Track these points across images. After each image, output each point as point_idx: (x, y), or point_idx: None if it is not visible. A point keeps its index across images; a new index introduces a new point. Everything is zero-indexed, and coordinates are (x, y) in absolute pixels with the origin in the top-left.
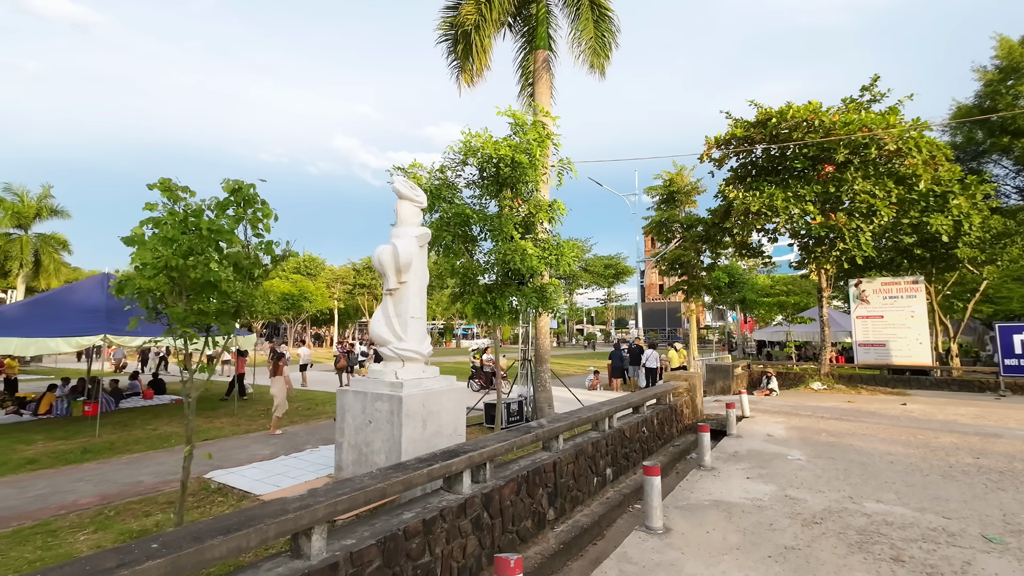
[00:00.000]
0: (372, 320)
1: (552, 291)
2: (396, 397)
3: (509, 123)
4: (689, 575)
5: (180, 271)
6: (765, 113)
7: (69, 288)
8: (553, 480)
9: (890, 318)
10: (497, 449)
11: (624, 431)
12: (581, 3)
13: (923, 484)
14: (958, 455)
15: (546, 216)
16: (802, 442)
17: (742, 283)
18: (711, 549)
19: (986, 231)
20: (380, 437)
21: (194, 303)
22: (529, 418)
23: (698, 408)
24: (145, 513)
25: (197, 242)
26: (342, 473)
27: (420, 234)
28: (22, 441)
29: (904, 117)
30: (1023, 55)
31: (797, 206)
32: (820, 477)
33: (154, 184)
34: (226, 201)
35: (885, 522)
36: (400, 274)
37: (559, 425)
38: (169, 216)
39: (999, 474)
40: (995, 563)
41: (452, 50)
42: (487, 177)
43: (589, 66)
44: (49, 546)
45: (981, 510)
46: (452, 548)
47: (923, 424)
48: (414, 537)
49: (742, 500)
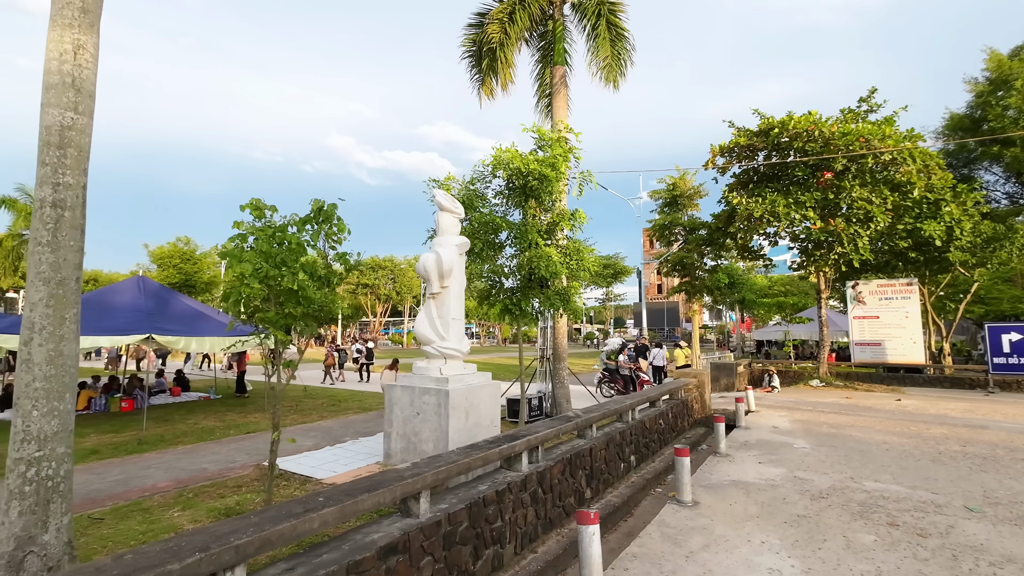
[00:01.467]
0: (416, 321)
1: (573, 294)
2: (443, 391)
3: (533, 137)
4: (720, 535)
5: (273, 280)
6: (768, 123)
7: (110, 289)
8: (589, 464)
9: (885, 318)
10: (548, 434)
11: (645, 422)
12: (599, 25)
13: (915, 467)
14: (947, 444)
15: (568, 224)
16: (806, 433)
17: (741, 284)
18: (735, 517)
19: (977, 236)
20: (428, 427)
21: (284, 308)
22: (548, 413)
23: (707, 403)
24: (220, 495)
25: (287, 254)
26: (391, 460)
27: (460, 243)
28: (76, 434)
29: (899, 127)
30: (1012, 68)
31: (798, 212)
32: (824, 462)
33: (246, 205)
34: (306, 217)
35: (882, 497)
36: (443, 279)
37: (593, 416)
38: (260, 232)
39: (982, 459)
40: (973, 527)
41: (475, 65)
42: (514, 188)
43: (604, 81)
44: (150, 520)
45: (965, 488)
46: (517, 516)
47: (916, 417)
48: (490, 505)
49: (757, 480)
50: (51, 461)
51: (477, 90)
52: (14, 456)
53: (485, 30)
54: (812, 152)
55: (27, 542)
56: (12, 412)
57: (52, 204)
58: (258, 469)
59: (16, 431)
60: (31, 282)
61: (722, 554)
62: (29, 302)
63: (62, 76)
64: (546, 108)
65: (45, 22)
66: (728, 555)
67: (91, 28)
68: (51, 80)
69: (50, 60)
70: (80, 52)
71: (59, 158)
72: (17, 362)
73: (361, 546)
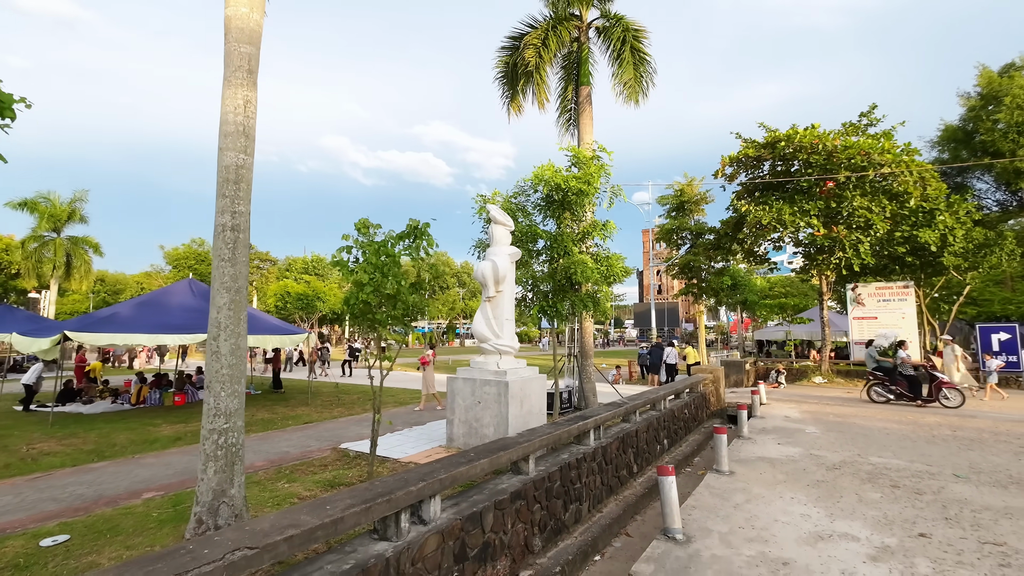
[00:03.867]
0: (474, 321)
1: (603, 297)
2: (503, 382)
3: (567, 155)
4: (757, 494)
5: (381, 286)
6: (774, 136)
7: (164, 291)
8: (635, 443)
9: (883, 319)
10: (607, 416)
11: (674, 411)
12: (624, 50)
13: (912, 447)
14: (940, 429)
15: (600, 234)
16: (815, 421)
17: (744, 285)
18: (766, 482)
19: (969, 242)
20: (489, 414)
21: (389, 310)
22: (577, 406)
23: (721, 397)
24: (314, 472)
25: (390, 265)
26: (454, 443)
27: (512, 252)
28: (149, 425)
29: (896, 139)
30: (1001, 85)
31: (803, 219)
32: (833, 443)
33: (357, 224)
34: (402, 234)
35: (885, 467)
36: (497, 285)
37: (636, 403)
38: (368, 246)
39: (970, 441)
40: (959, 488)
41: (506, 84)
42: (553, 202)
43: (627, 99)
44: (269, 490)
45: (954, 461)
46: (588, 481)
47: (911, 410)
48: (573, 469)
49: (779, 456)
50: (234, 432)
51: (507, 106)
52: (208, 427)
53: (521, 54)
54: (816, 164)
55: (220, 494)
56: (204, 393)
57: (231, 228)
58: (335, 451)
59: (208, 408)
60: (216, 290)
61: (761, 505)
62: (215, 306)
63: (236, 126)
64: (566, 122)
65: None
66: (767, 506)
67: (254, 86)
68: (227, 129)
69: (226, 112)
70: (247, 106)
71: (235, 191)
72: (206, 353)
73: (497, 491)
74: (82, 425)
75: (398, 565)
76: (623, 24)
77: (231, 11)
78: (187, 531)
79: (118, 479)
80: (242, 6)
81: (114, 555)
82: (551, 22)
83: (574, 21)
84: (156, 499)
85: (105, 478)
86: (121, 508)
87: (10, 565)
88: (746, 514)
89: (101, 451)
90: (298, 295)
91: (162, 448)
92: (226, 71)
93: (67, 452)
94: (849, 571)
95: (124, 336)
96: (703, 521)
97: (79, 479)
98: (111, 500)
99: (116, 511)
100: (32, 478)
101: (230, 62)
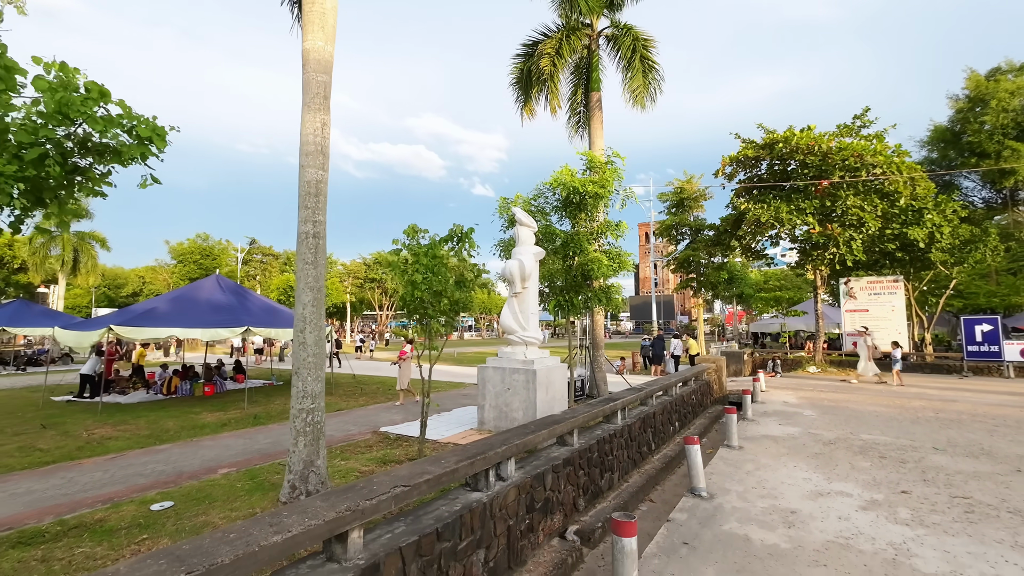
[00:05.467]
0: (502, 315)
1: (614, 292)
2: (531, 371)
3: (582, 160)
4: (764, 463)
5: (432, 284)
6: (772, 137)
7: (194, 287)
8: (653, 423)
9: (874, 311)
10: (631, 399)
11: (683, 396)
12: (634, 59)
13: (898, 426)
14: (923, 412)
15: (614, 234)
16: (811, 405)
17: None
18: (771, 454)
19: (955, 238)
20: (518, 399)
21: (439, 305)
22: (590, 394)
23: (723, 385)
24: (362, 451)
25: (439, 266)
26: (484, 426)
27: (536, 252)
28: (190, 413)
29: (888, 142)
30: (988, 88)
31: (799, 217)
32: (828, 424)
33: (406, 229)
34: (447, 237)
35: (874, 443)
36: (524, 281)
37: (653, 388)
38: (419, 248)
39: (949, 421)
40: (938, 458)
41: (520, 89)
42: (570, 204)
43: (634, 104)
44: (332, 466)
45: (934, 437)
46: (617, 455)
47: (899, 394)
48: (606, 443)
49: (781, 434)
50: (318, 411)
51: (520, 110)
52: (297, 407)
53: (536, 62)
54: (812, 164)
55: (309, 464)
56: (293, 378)
57: (312, 235)
58: (375, 434)
59: (297, 390)
60: (301, 289)
61: (769, 472)
62: (300, 303)
63: (315, 145)
64: (576, 124)
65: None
66: (773, 473)
67: (328, 110)
68: (307, 148)
69: (306, 134)
70: (324, 128)
71: (315, 203)
72: (293, 344)
73: (551, 458)
74: (126, 413)
75: (491, 508)
76: (633, 34)
77: (309, 44)
78: (282, 495)
79: (187, 458)
80: (318, 40)
81: (221, 516)
82: (564, 32)
83: (585, 30)
84: (232, 473)
85: (175, 457)
86: (205, 481)
87: (133, 524)
88: (757, 478)
89: (157, 436)
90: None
91: (213, 433)
92: (305, 97)
93: (126, 437)
94: (844, 516)
95: (164, 330)
96: (721, 483)
97: (152, 459)
98: (192, 475)
99: (202, 483)
100: (109, 458)
101: (308, 89)
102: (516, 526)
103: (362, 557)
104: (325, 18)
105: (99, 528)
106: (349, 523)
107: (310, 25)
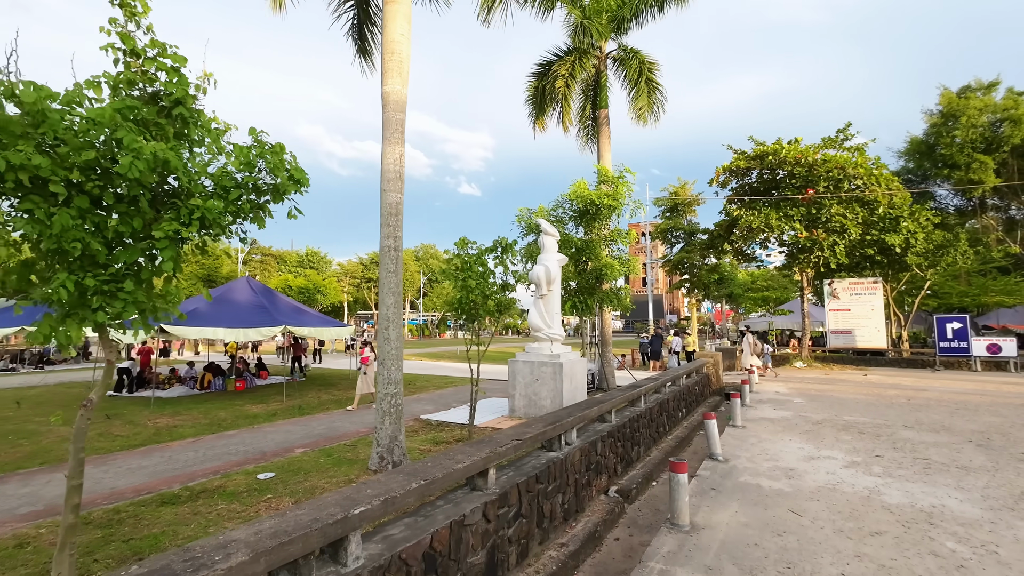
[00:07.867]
0: (529, 314)
1: (623, 293)
2: (558, 364)
3: (595, 172)
4: (765, 438)
5: (482, 289)
6: (762, 149)
7: (227, 288)
8: (667, 408)
9: (855, 311)
10: (651, 386)
11: (689, 387)
12: (640, 81)
13: (875, 410)
14: (897, 399)
15: (624, 241)
16: (800, 394)
17: (730, 280)
18: (770, 431)
19: (929, 244)
20: (546, 389)
21: (485, 306)
22: (600, 386)
23: (720, 378)
24: (412, 434)
25: (486, 273)
26: (515, 413)
27: (560, 258)
28: (234, 405)
29: (868, 154)
30: (959, 105)
31: (787, 223)
32: (816, 408)
33: (457, 242)
34: (490, 248)
35: (855, 423)
36: (549, 285)
37: (667, 377)
38: (468, 258)
39: (919, 406)
40: (907, 432)
41: (534, 105)
42: (586, 214)
43: (639, 121)
44: None
45: (905, 418)
46: (644, 432)
47: (877, 385)
48: (635, 422)
49: (776, 417)
50: (399, 395)
51: (532, 124)
52: (383, 392)
53: (552, 83)
54: (799, 175)
55: (393, 439)
56: (379, 367)
57: (393, 248)
58: (417, 421)
59: (383, 378)
60: (384, 293)
61: (769, 444)
62: (384, 304)
63: (394, 173)
64: (585, 136)
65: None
66: (773, 444)
67: (403, 141)
68: (388, 175)
69: (386, 164)
70: (401, 158)
71: (395, 222)
72: (378, 339)
73: (598, 430)
74: (176, 406)
75: (565, 463)
76: (639, 58)
77: (388, 88)
78: (371, 464)
79: (260, 441)
80: (396, 84)
81: (323, 481)
82: (576, 54)
83: (595, 52)
84: (308, 452)
85: (249, 440)
86: (288, 458)
87: (250, 489)
88: (760, 448)
89: (218, 424)
90: (299, 288)
91: (267, 421)
92: (385, 132)
93: (189, 425)
94: (831, 472)
95: (209, 330)
96: (732, 451)
97: (229, 442)
98: (274, 453)
99: (288, 459)
100: (190, 441)
101: (388, 126)
102: (579, 480)
103: (495, 489)
104: (402, 66)
105: (223, 492)
106: (491, 462)
107: (389, 72)
